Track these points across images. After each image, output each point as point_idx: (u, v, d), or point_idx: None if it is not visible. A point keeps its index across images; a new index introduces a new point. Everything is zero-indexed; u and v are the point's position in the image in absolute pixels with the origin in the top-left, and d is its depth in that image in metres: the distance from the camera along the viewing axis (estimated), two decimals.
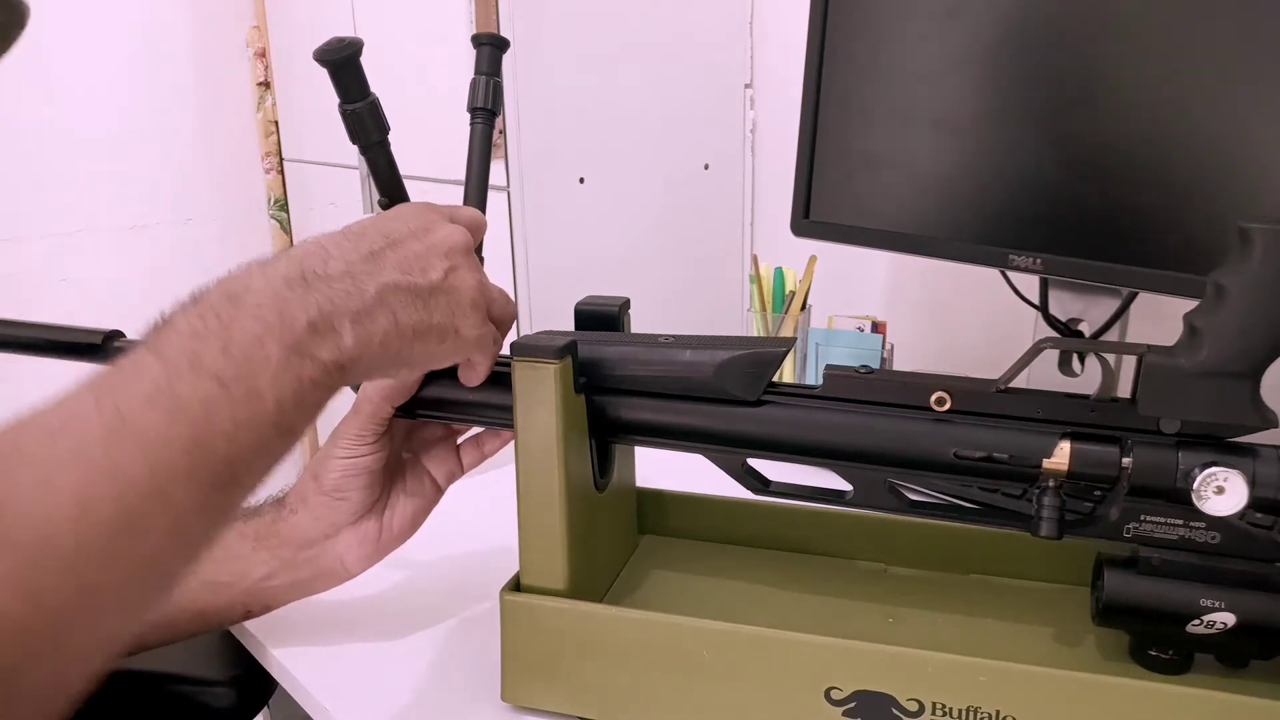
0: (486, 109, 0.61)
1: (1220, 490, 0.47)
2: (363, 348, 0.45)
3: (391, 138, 0.53)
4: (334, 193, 1.58)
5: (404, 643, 0.65)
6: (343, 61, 0.49)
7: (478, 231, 0.54)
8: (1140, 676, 0.52)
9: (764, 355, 0.56)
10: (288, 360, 0.42)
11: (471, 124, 0.61)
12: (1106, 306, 0.77)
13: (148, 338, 0.40)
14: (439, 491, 0.64)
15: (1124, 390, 0.52)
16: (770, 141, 1.34)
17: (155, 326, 0.41)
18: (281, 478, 0.65)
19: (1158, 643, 0.53)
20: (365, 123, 0.51)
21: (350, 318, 0.45)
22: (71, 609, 0.34)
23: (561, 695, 0.56)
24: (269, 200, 1.81)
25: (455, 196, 0.61)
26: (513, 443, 0.56)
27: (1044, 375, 0.79)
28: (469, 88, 0.61)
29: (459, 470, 0.64)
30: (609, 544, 0.64)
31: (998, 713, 0.49)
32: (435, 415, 0.61)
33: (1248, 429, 0.48)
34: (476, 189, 0.60)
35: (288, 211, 1.81)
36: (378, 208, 0.54)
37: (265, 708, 0.72)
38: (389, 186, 0.54)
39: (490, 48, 0.61)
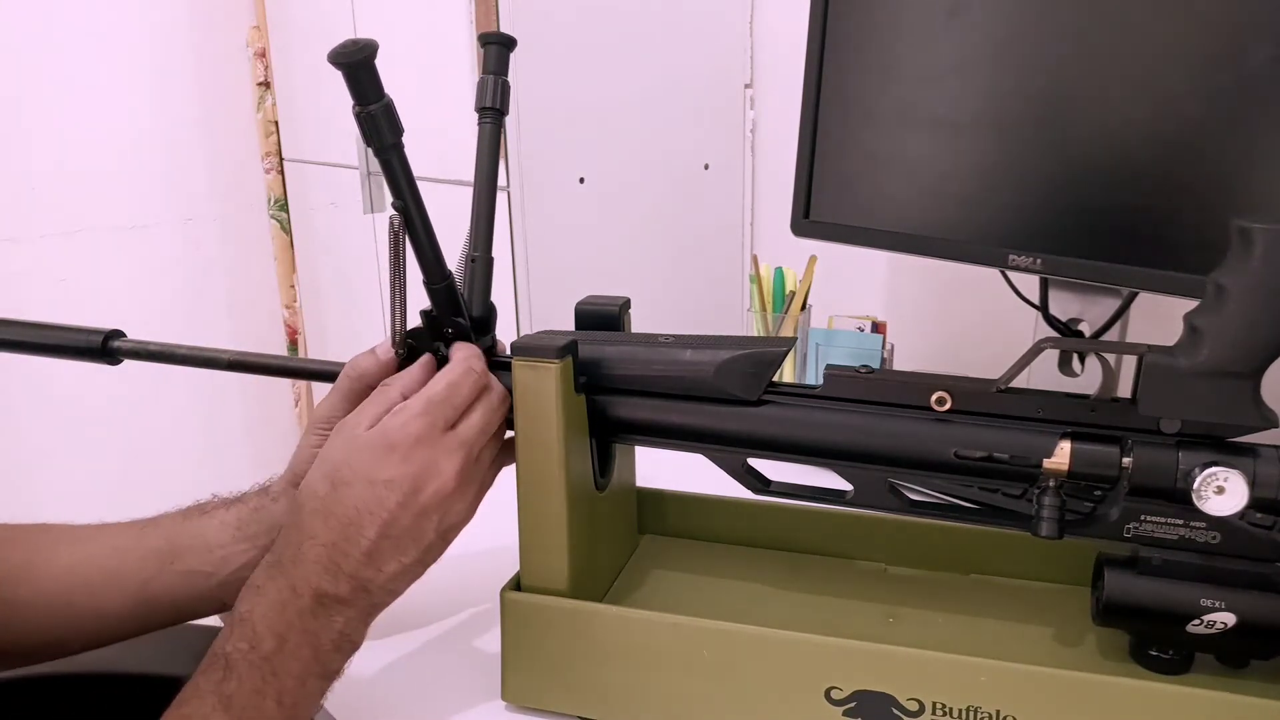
0: (495, 109, 0.60)
1: (1220, 490, 0.47)
2: (367, 629, 0.53)
3: None
4: (334, 193, 1.58)
5: (404, 643, 0.65)
6: (358, 64, 0.49)
7: (490, 425, 0.55)
8: (1140, 676, 0.52)
9: (764, 355, 0.56)
10: (322, 688, 0.51)
11: (480, 124, 0.61)
12: (1106, 306, 0.77)
13: (218, 686, 0.47)
14: None
15: (1124, 390, 0.52)
16: (770, 141, 1.34)
17: (221, 671, 0.48)
18: (271, 467, 0.64)
19: (1158, 643, 0.53)
20: (380, 125, 0.51)
21: (363, 620, 0.52)
22: None
23: (561, 695, 0.56)
24: (269, 200, 1.81)
25: (455, 196, 0.61)
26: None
27: (1044, 375, 0.79)
28: (477, 87, 0.61)
29: None
30: (609, 544, 0.64)
31: (998, 713, 0.49)
32: None
33: (1248, 429, 0.48)
34: (485, 188, 0.60)
35: (288, 211, 1.81)
36: (391, 209, 0.54)
37: None
38: (403, 190, 0.53)
39: (498, 47, 0.61)
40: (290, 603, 0.49)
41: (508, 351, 0.61)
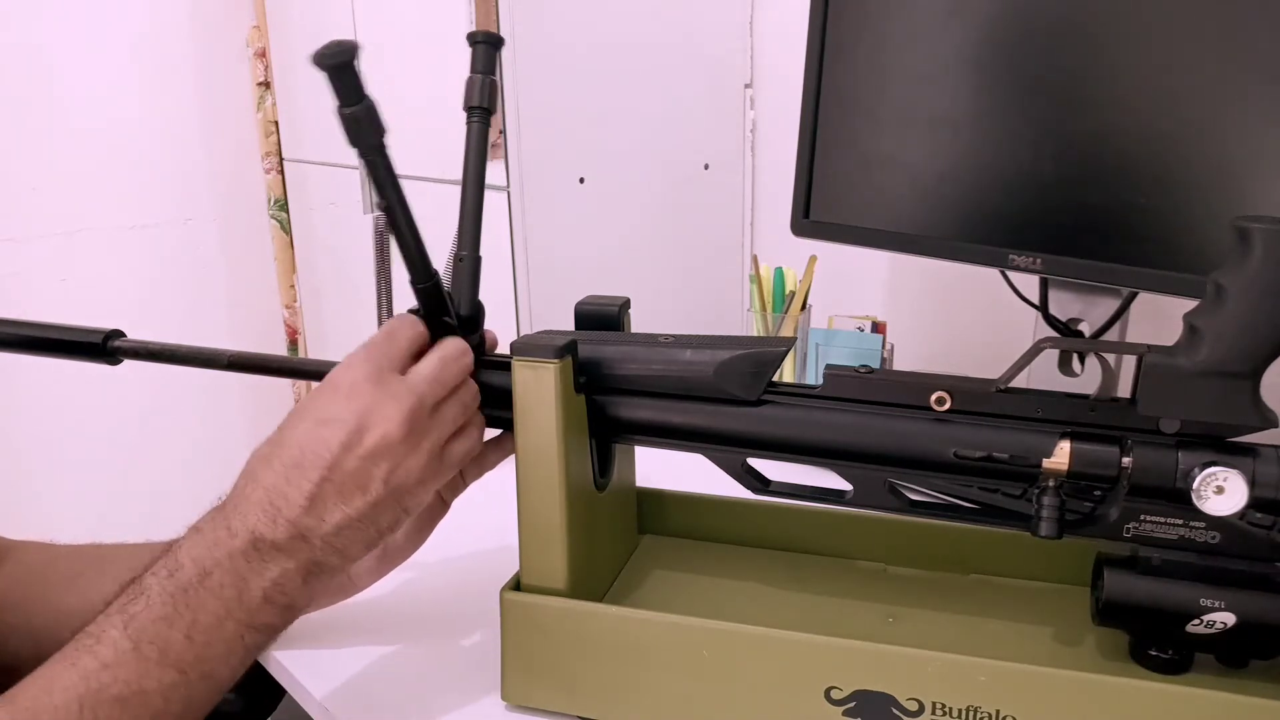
0: (483, 107, 0.61)
1: (1220, 490, 0.47)
2: (312, 593, 0.51)
3: (392, 138, 0.53)
4: (334, 193, 1.58)
5: (404, 643, 0.65)
6: (340, 65, 0.49)
7: (443, 376, 0.53)
8: (1140, 676, 0.52)
9: (764, 355, 0.56)
10: (243, 637, 0.48)
11: (468, 123, 0.61)
12: (1106, 306, 0.77)
13: (125, 606, 0.46)
14: (445, 506, 0.63)
15: (1124, 390, 0.52)
16: (770, 141, 1.34)
17: (133, 592, 0.46)
18: None
19: (1158, 643, 0.53)
20: (363, 126, 0.51)
21: (301, 576, 0.50)
22: None
23: (561, 695, 0.56)
24: (269, 200, 1.81)
25: (454, 196, 0.61)
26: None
27: (1044, 375, 0.79)
28: (465, 86, 0.61)
29: (462, 484, 0.64)
30: (609, 544, 0.64)
31: (998, 712, 0.49)
32: None
33: (1248, 429, 0.48)
34: (473, 187, 0.60)
35: (288, 211, 1.81)
36: (376, 210, 0.54)
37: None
38: (387, 190, 0.54)
39: (485, 46, 0.61)
40: (223, 542, 0.48)
41: (506, 352, 0.61)
